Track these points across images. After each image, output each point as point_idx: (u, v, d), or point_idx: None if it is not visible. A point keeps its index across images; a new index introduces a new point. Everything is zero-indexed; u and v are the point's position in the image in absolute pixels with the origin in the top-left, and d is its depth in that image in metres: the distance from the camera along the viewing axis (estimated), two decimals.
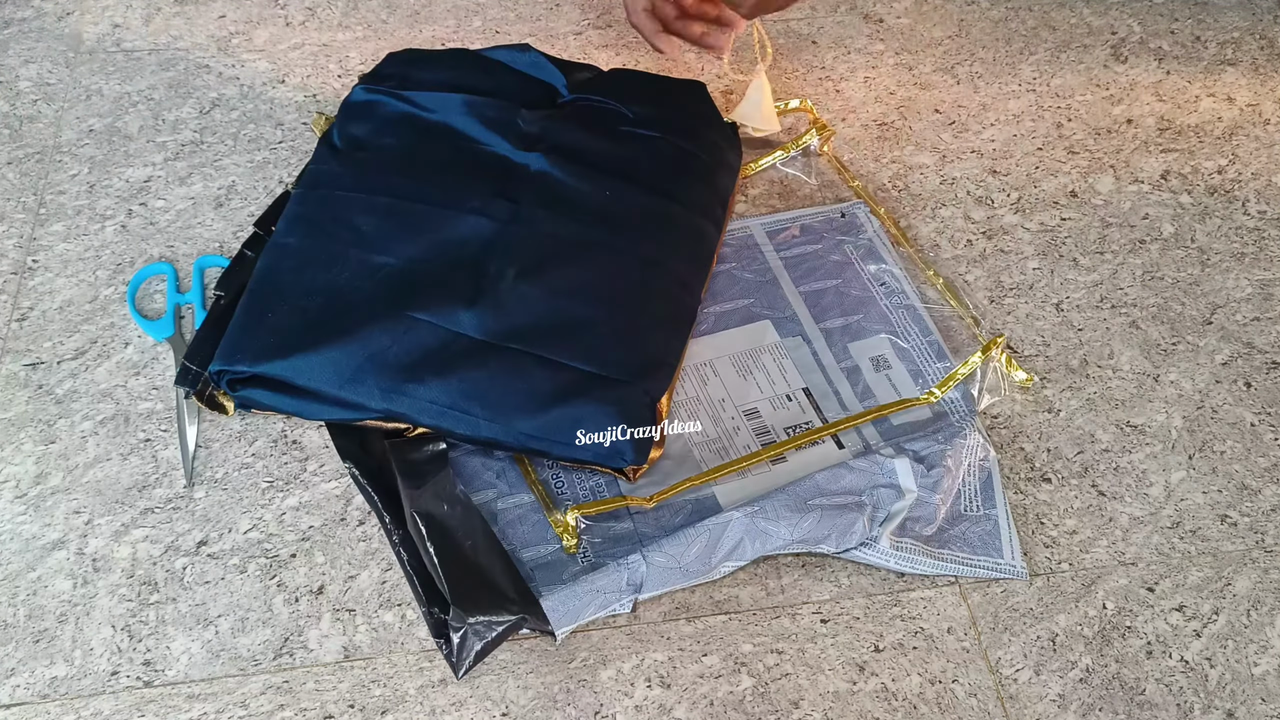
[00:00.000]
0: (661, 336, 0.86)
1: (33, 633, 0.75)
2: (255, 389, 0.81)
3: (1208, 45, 1.21)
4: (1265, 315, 0.97)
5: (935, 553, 0.79)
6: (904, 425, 0.86)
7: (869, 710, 0.74)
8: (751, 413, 0.86)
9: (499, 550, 0.77)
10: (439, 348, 0.80)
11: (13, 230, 0.95)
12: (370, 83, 0.97)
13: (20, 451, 0.83)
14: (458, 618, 0.72)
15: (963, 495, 0.82)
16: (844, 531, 0.78)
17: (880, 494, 0.80)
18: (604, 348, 0.82)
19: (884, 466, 0.81)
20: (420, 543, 0.75)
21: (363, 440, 0.82)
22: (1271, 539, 0.84)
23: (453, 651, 0.72)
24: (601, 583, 0.75)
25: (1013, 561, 0.80)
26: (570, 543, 0.77)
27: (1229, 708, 0.75)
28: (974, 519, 0.81)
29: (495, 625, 0.72)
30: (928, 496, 0.80)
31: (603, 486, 0.82)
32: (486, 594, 0.73)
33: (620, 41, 1.15)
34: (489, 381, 0.79)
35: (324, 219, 0.87)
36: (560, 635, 0.74)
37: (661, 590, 0.76)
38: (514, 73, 0.99)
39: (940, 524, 0.80)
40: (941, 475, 0.81)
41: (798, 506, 0.78)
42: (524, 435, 0.79)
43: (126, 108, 1.05)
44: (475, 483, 0.81)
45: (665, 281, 0.88)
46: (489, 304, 0.82)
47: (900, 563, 0.79)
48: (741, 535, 0.77)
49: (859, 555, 0.79)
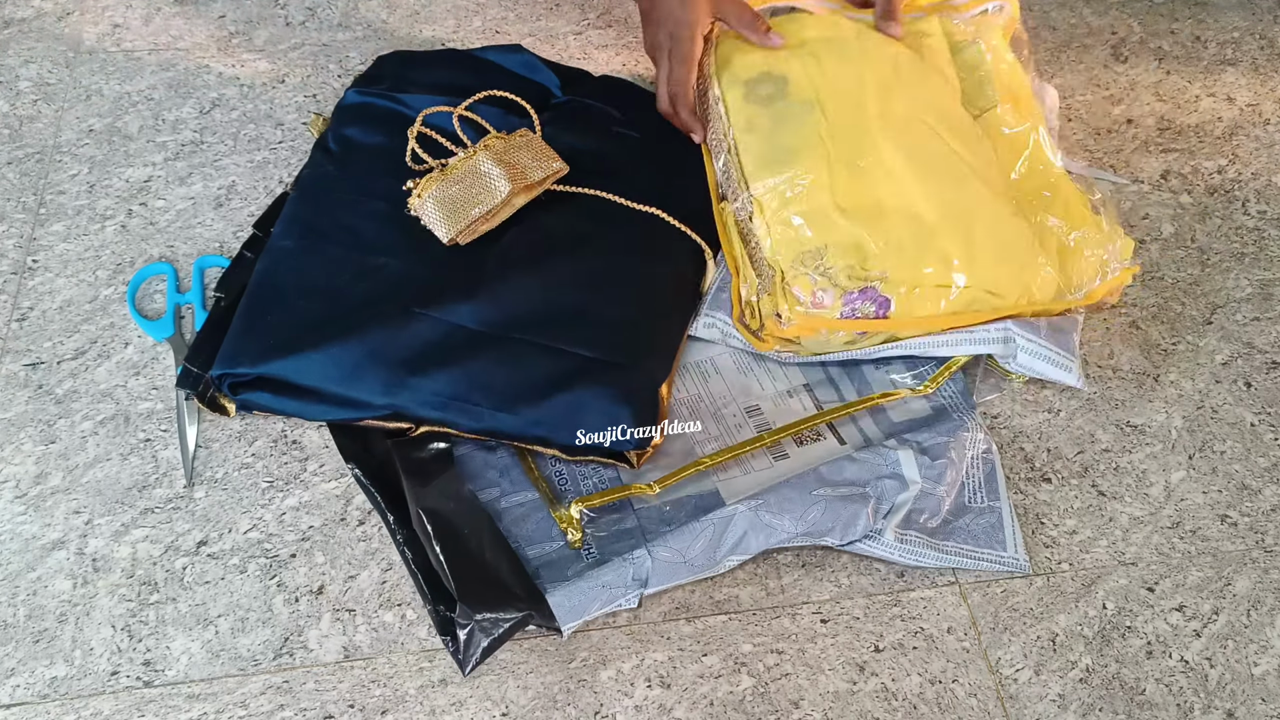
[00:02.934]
0: (661, 322, 0.86)
1: (33, 633, 0.75)
2: (257, 392, 0.81)
3: (1208, 45, 1.21)
4: (1265, 315, 0.97)
5: (940, 545, 0.79)
6: (904, 421, 0.86)
7: (869, 710, 0.74)
8: (753, 409, 0.86)
9: (505, 547, 0.77)
10: (439, 341, 0.81)
11: (13, 230, 0.95)
12: (363, 85, 0.97)
13: (20, 451, 0.83)
14: (464, 614, 0.72)
15: (966, 487, 0.83)
16: (848, 523, 0.78)
17: (884, 485, 0.80)
18: (603, 333, 0.82)
19: (888, 457, 0.81)
20: (426, 540, 0.75)
21: (365, 441, 0.82)
22: (1271, 539, 0.84)
23: (459, 649, 0.72)
24: (607, 578, 0.75)
25: (1016, 555, 0.80)
26: (574, 537, 0.77)
27: (1229, 708, 0.75)
28: (978, 510, 0.82)
29: (502, 622, 0.72)
30: (932, 488, 0.81)
31: (606, 482, 0.82)
32: (493, 591, 0.73)
33: (620, 41, 1.15)
34: (491, 371, 0.80)
35: (321, 221, 0.88)
36: (567, 631, 0.74)
37: (667, 584, 0.76)
38: (507, 74, 0.99)
39: (945, 515, 0.81)
40: (945, 467, 0.81)
41: (801, 499, 0.78)
42: (528, 423, 0.79)
43: (126, 108, 1.05)
44: (478, 481, 0.81)
45: (662, 271, 0.88)
46: (487, 297, 0.83)
47: (904, 555, 0.79)
48: (746, 529, 0.77)
49: (863, 548, 0.79)
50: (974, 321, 0.85)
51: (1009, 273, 0.84)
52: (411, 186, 0.86)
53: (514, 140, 0.88)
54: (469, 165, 0.86)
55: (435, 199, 0.85)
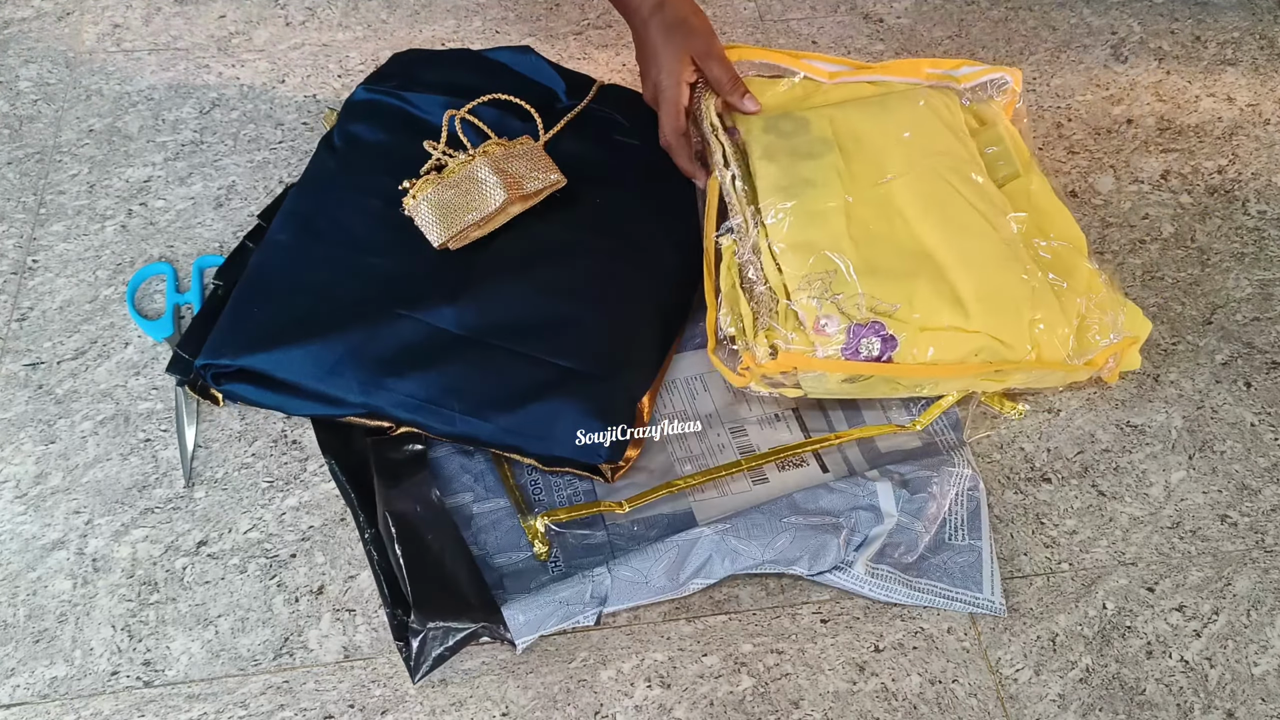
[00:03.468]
0: (645, 337, 0.86)
1: (33, 633, 0.75)
2: (239, 383, 0.81)
3: (1208, 45, 1.21)
4: (1265, 315, 0.97)
5: (912, 582, 0.78)
6: (892, 452, 0.85)
7: (869, 710, 0.74)
8: (738, 430, 0.86)
9: (467, 557, 0.76)
10: (419, 342, 0.81)
11: (13, 230, 0.95)
12: (373, 82, 0.97)
13: (20, 451, 0.83)
14: (419, 621, 0.71)
15: (948, 524, 0.81)
16: (816, 553, 0.77)
17: (859, 516, 0.79)
18: (583, 344, 0.82)
19: (866, 488, 0.80)
20: (389, 543, 0.75)
21: (347, 437, 0.82)
22: (1271, 539, 0.84)
23: (411, 655, 0.72)
24: (565, 593, 0.74)
25: (991, 597, 0.78)
26: (541, 550, 0.77)
27: (1229, 708, 0.75)
28: (957, 549, 0.80)
29: (455, 632, 0.72)
30: (909, 522, 0.79)
31: (580, 495, 0.81)
32: (449, 599, 0.73)
33: (620, 41, 1.15)
34: (467, 376, 0.80)
35: (317, 218, 0.88)
36: (521, 645, 0.73)
37: (627, 605, 0.75)
38: (515, 75, 0.99)
39: (922, 551, 0.79)
40: (926, 501, 0.80)
41: (770, 525, 0.77)
42: (500, 430, 0.79)
43: (126, 108, 1.05)
44: (453, 485, 0.81)
45: (651, 284, 0.87)
46: (471, 300, 0.83)
47: (874, 590, 0.77)
48: (710, 552, 0.76)
49: (832, 580, 0.78)
50: (978, 373, 0.83)
51: (1019, 324, 0.82)
52: (407, 187, 0.86)
53: (514, 148, 0.88)
54: (467, 171, 0.86)
55: (430, 202, 0.85)
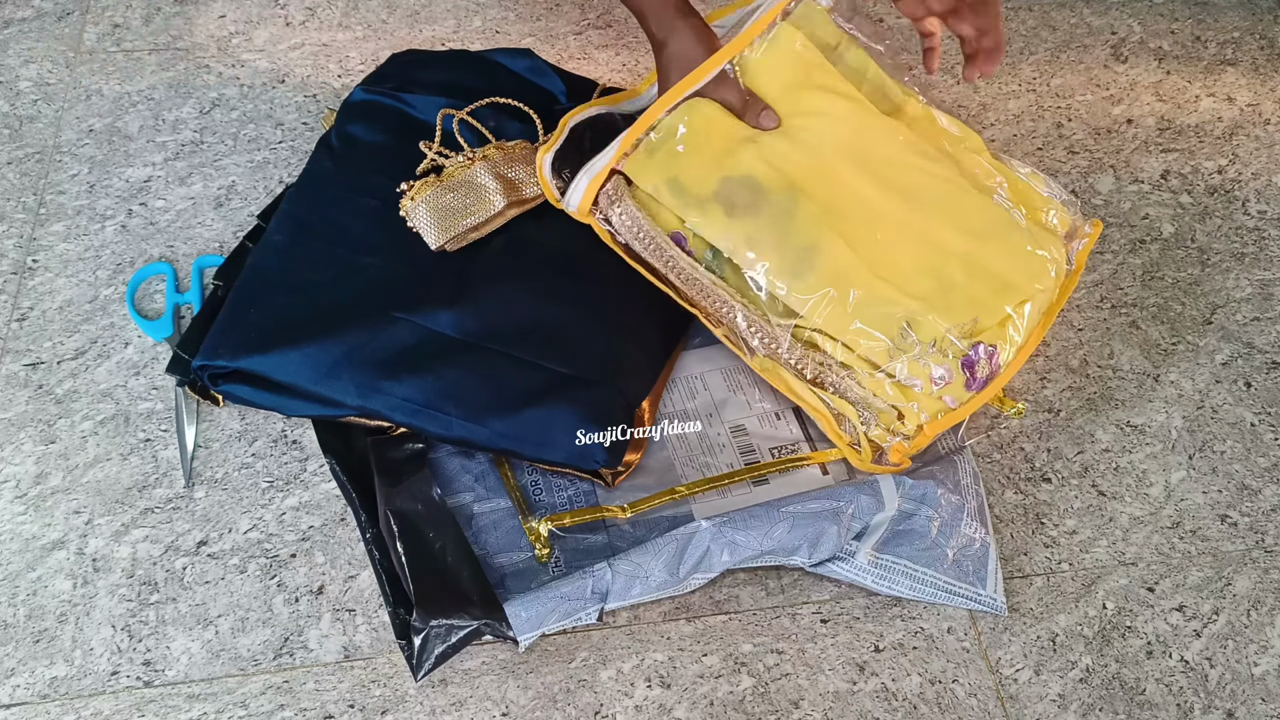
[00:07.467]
0: (643, 341, 0.85)
1: (33, 633, 0.75)
2: (236, 384, 0.81)
3: (1208, 45, 1.21)
4: (1265, 315, 0.97)
5: (917, 572, 0.77)
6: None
7: (869, 710, 0.74)
8: (738, 429, 0.86)
9: (469, 554, 0.76)
10: (415, 346, 0.80)
11: (13, 230, 0.95)
12: (371, 83, 0.97)
13: (20, 451, 0.83)
14: (420, 620, 0.71)
15: (964, 510, 0.80)
16: (815, 541, 0.76)
17: (860, 501, 0.77)
18: (580, 349, 0.82)
19: (866, 477, 0.79)
20: (391, 541, 0.75)
21: (347, 437, 0.82)
22: (1271, 539, 0.84)
23: (414, 654, 0.72)
24: (566, 589, 0.74)
25: (994, 595, 0.78)
26: (542, 551, 0.77)
27: (1229, 708, 0.75)
28: (968, 540, 0.79)
29: (457, 629, 0.72)
30: (915, 509, 0.78)
31: (581, 496, 0.81)
32: (451, 598, 0.73)
33: (620, 41, 1.15)
34: (464, 380, 0.79)
35: (313, 219, 0.88)
36: (524, 643, 0.73)
37: (628, 601, 0.75)
38: (514, 76, 0.99)
39: (933, 540, 0.78)
40: (930, 488, 0.79)
41: (767, 514, 0.77)
42: (496, 434, 0.78)
43: (126, 108, 1.05)
44: (454, 485, 0.81)
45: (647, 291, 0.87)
46: (468, 304, 0.83)
47: (877, 581, 0.77)
48: (709, 544, 0.75)
49: (834, 570, 0.78)
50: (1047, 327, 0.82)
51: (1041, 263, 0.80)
52: (405, 188, 0.86)
53: (513, 152, 0.88)
54: (466, 175, 0.85)
55: (428, 204, 0.85)
